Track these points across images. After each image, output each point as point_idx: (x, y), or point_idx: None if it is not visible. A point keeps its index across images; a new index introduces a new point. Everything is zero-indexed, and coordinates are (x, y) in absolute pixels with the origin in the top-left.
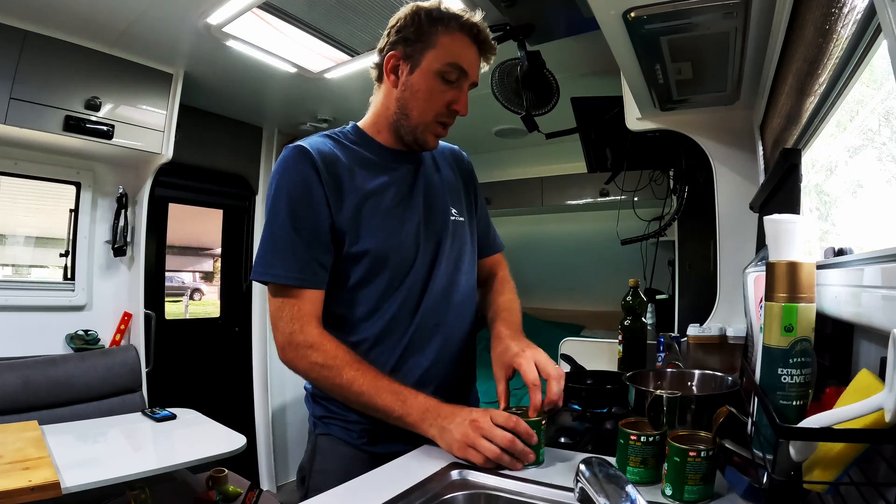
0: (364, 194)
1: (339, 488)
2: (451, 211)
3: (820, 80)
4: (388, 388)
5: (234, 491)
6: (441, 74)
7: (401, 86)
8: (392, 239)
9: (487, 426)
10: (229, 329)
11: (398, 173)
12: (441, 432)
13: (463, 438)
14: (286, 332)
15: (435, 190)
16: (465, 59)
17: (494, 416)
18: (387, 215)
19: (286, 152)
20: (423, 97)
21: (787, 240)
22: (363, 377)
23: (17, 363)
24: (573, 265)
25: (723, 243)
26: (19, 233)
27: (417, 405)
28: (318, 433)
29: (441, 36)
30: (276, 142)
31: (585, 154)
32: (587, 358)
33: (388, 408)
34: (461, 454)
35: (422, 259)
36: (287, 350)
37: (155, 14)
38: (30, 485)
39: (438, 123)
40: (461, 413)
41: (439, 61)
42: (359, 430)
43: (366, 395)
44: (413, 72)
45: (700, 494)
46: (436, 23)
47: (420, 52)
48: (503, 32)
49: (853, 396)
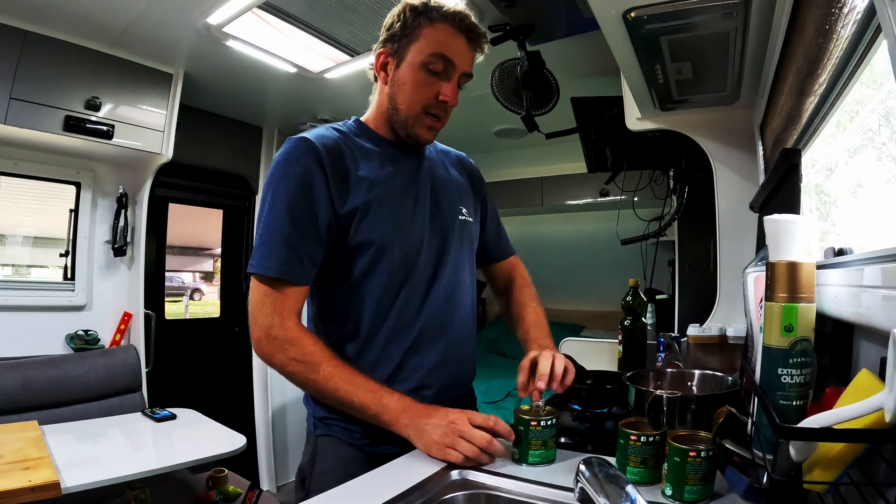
0: (371, 183)
1: (339, 488)
2: (461, 210)
3: (820, 80)
4: (365, 385)
5: (234, 491)
6: (426, 66)
7: (390, 81)
8: (398, 230)
9: (465, 427)
10: (229, 329)
11: (404, 166)
12: (418, 433)
13: (441, 440)
14: (265, 326)
15: (443, 187)
16: (449, 48)
17: (472, 418)
18: (394, 205)
19: (289, 143)
20: (410, 89)
21: (787, 240)
22: (339, 374)
23: (17, 363)
24: (573, 265)
25: (723, 243)
26: (19, 233)
27: (393, 404)
28: (318, 434)
29: (424, 28)
30: (276, 142)
31: (585, 154)
32: (587, 358)
33: (364, 405)
34: (440, 455)
35: (427, 255)
36: (263, 343)
37: (155, 14)
38: (30, 485)
39: (428, 115)
40: (437, 414)
41: (423, 53)
42: (361, 430)
43: (341, 391)
44: (399, 66)
45: (700, 494)
46: (419, 16)
47: (405, 47)
48: (503, 32)
49: (853, 396)
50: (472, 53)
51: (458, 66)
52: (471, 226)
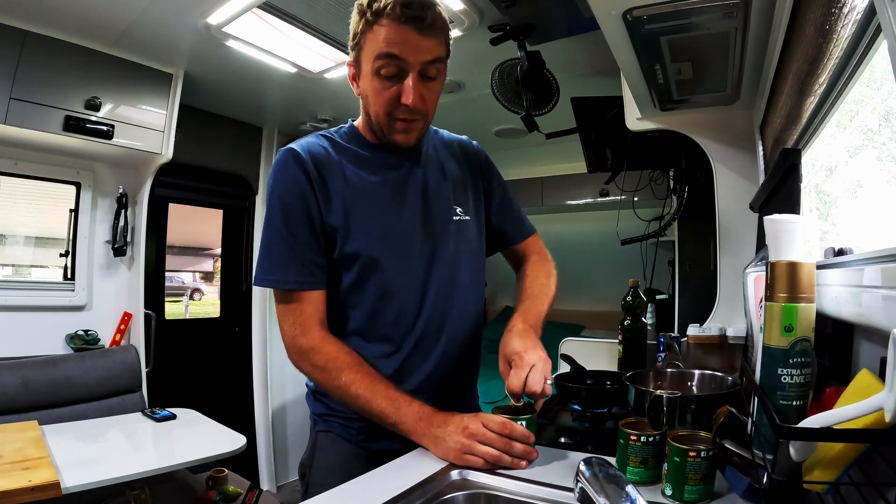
0: (355, 194)
1: (339, 488)
2: (455, 210)
3: (820, 80)
4: (384, 393)
5: (234, 491)
6: (377, 72)
7: (360, 92)
8: (384, 240)
9: (480, 432)
10: (229, 329)
11: (394, 173)
12: (435, 442)
13: (458, 447)
14: (290, 336)
15: (436, 191)
16: (393, 44)
17: (487, 422)
18: (380, 215)
19: (278, 156)
20: (372, 98)
21: (787, 240)
22: (361, 381)
23: (17, 363)
24: (573, 265)
25: (723, 243)
26: (19, 233)
27: (411, 413)
28: (318, 430)
29: (367, 34)
30: (276, 142)
31: (585, 154)
32: (587, 358)
33: (383, 413)
34: (459, 462)
35: (418, 261)
36: (290, 353)
37: (155, 14)
38: (30, 485)
39: (396, 120)
40: (453, 421)
41: (369, 60)
42: (357, 427)
43: (362, 398)
44: (360, 76)
45: (700, 494)
46: (361, 20)
47: (359, 56)
48: (503, 32)
49: (853, 396)
50: (427, 40)
51: (410, 60)
52: (468, 224)
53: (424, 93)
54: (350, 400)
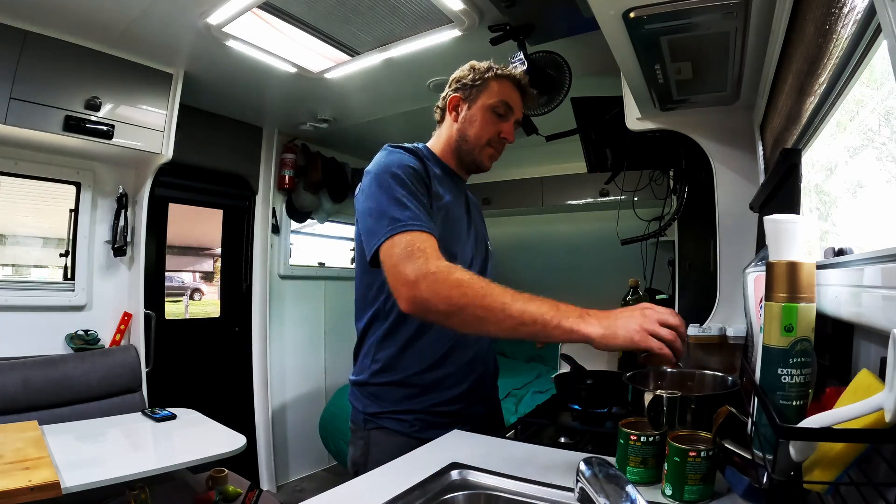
0: (440, 200)
1: (339, 488)
2: (488, 239)
3: (820, 80)
4: (534, 298)
5: (234, 491)
6: (493, 108)
7: (461, 119)
8: (458, 243)
9: (660, 316)
10: (229, 329)
11: (461, 198)
12: (612, 326)
13: (642, 326)
14: (418, 270)
15: (479, 219)
16: (511, 98)
17: (658, 312)
18: (457, 223)
19: (388, 148)
20: (479, 125)
21: (787, 240)
22: (504, 291)
23: (17, 363)
24: (573, 265)
25: (723, 243)
26: (19, 233)
27: (572, 310)
28: (369, 428)
29: (493, 81)
30: (276, 142)
31: (585, 154)
32: (587, 358)
33: (541, 313)
34: (643, 342)
35: (473, 268)
36: (422, 285)
37: (155, 14)
38: (30, 485)
39: (490, 146)
40: (626, 309)
41: (492, 98)
42: (411, 419)
43: (519, 302)
44: (471, 108)
45: (700, 494)
46: (489, 72)
47: (477, 94)
48: (503, 32)
49: (853, 396)
50: (523, 107)
51: (515, 112)
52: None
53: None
54: (498, 308)
